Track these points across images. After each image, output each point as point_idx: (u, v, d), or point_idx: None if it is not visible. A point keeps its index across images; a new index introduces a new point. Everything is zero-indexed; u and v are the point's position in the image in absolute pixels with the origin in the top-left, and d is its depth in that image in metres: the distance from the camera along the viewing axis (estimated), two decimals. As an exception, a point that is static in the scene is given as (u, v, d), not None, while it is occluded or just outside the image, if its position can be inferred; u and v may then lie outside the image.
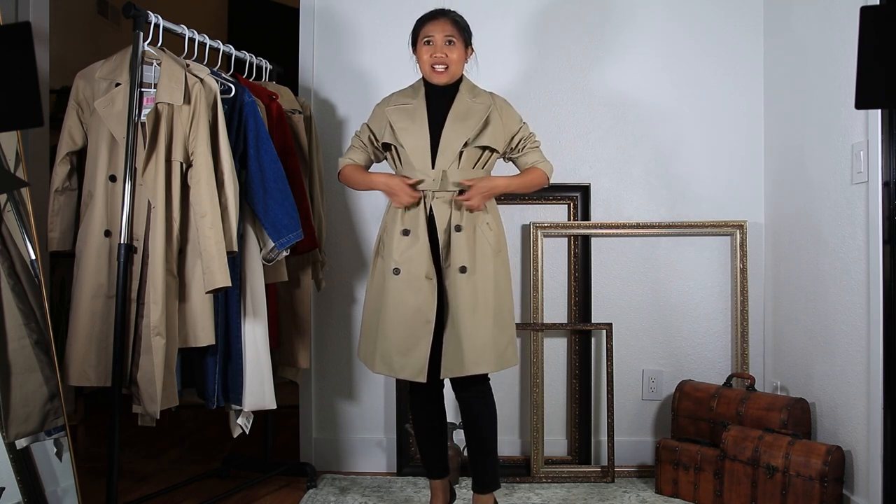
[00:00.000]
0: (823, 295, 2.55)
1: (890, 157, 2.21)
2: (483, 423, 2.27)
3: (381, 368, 2.21)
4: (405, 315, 2.16)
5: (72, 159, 2.36)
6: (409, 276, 2.17)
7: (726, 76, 3.03)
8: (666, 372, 3.02)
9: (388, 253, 2.23)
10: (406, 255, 2.19)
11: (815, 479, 2.28)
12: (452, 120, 2.24)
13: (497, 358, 2.20)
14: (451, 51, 2.24)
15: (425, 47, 2.25)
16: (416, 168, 2.24)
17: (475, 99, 2.29)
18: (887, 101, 1.33)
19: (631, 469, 2.95)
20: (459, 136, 2.22)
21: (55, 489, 2.14)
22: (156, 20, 2.26)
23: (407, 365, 2.16)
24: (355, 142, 2.40)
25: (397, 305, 2.17)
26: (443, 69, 2.24)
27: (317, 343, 3.00)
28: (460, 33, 2.26)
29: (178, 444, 3.41)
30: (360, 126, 2.42)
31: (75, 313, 2.23)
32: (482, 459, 2.29)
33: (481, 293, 2.18)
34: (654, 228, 2.99)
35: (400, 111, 2.29)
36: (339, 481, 2.87)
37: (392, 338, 2.17)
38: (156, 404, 2.15)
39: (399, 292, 2.18)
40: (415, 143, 2.24)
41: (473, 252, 2.20)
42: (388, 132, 2.29)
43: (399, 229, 2.21)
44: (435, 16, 2.27)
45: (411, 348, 2.16)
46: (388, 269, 2.21)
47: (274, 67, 2.89)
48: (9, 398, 2.06)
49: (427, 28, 2.26)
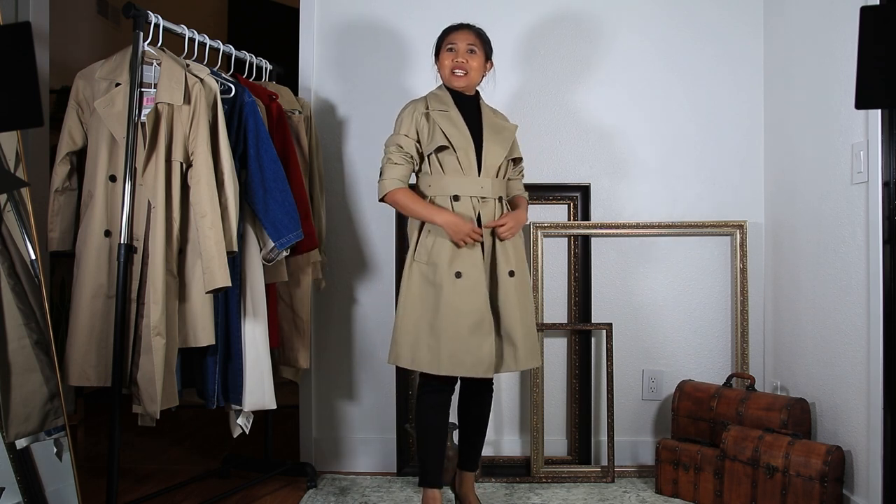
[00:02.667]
0: (823, 295, 2.55)
1: (890, 157, 2.21)
2: (487, 419, 2.50)
3: (450, 368, 2.25)
4: (471, 317, 2.24)
5: (72, 159, 2.36)
6: (471, 280, 2.26)
7: (726, 76, 3.03)
8: (666, 372, 3.02)
9: (438, 259, 2.26)
10: (466, 260, 2.26)
11: (815, 479, 2.28)
12: (491, 133, 2.37)
13: (539, 354, 2.44)
14: (472, 59, 2.35)
15: (447, 54, 2.36)
16: (464, 174, 2.30)
17: (495, 115, 2.45)
18: (887, 101, 1.33)
19: (631, 469, 2.95)
20: (501, 148, 2.37)
21: (55, 489, 2.14)
22: (156, 20, 2.26)
23: (479, 362, 2.24)
24: (397, 157, 2.30)
25: (462, 308, 2.24)
26: (462, 74, 2.34)
27: (317, 343, 3.00)
28: (482, 45, 2.38)
29: (178, 444, 3.41)
30: (394, 139, 2.32)
31: (75, 313, 2.23)
32: (478, 446, 2.51)
33: (525, 295, 2.35)
34: (654, 228, 2.99)
35: (443, 117, 2.32)
36: (339, 481, 2.87)
37: (461, 339, 2.24)
38: (156, 404, 2.15)
39: (461, 296, 2.25)
40: (465, 147, 2.31)
41: (518, 257, 2.36)
42: (440, 135, 2.29)
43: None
44: (460, 27, 2.39)
45: (479, 347, 2.24)
46: (445, 273, 2.25)
47: (274, 67, 2.89)
48: (9, 398, 2.06)
49: (451, 37, 2.37)
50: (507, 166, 2.43)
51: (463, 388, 2.46)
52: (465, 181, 2.30)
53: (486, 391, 2.46)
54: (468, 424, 2.48)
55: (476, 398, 2.45)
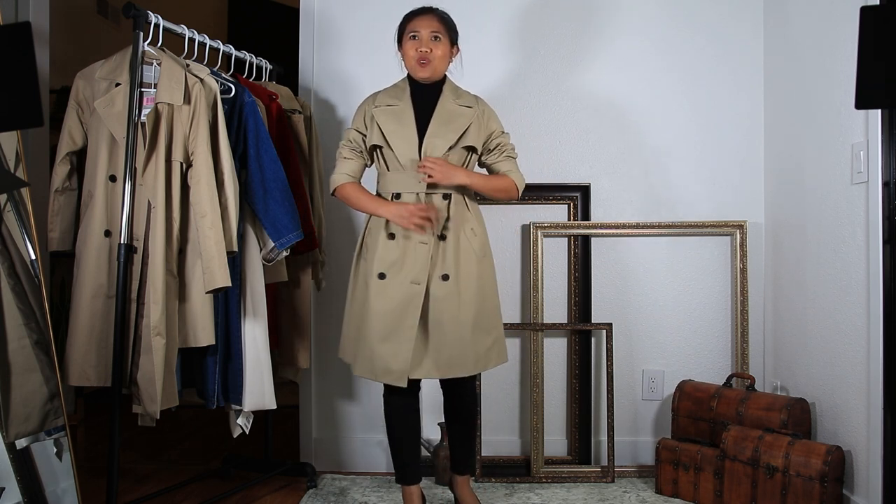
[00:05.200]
0: (823, 295, 2.55)
1: (890, 157, 2.21)
2: (469, 419, 2.43)
3: (362, 371, 2.24)
4: (385, 321, 2.18)
5: (72, 159, 2.36)
6: (393, 283, 2.19)
7: (726, 76, 3.03)
8: (666, 372, 3.02)
9: (371, 257, 2.24)
10: (393, 261, 2.20)
11: (815, 479, 2.28)
12: (436, 124, 2.25)
13: (475, 362, 2.24)
14: (437, 46, 2.25)
15: (410, 42, 2.26)
16: (404, 171, 2.24)
17: (458, 100, 2.31)
18: (887, 101, 1.33)
19: (631, 469, 2.95)
20: (443, 140, 2.24)
21: (55, 489, 2.14)
22: (156, 20, 2.26)
23: (388, 371, 2.18)
24: (346, 152, 2.32)
25: (378, 311, 2.19)
26: (426, 63, 2.24)
27: (317, 343, 3.00)
28: (447, 30, 2.27)
29: (178, 444, 3.41)
30: (347, 133, 2.36)
31: (75, 313, 2.23)
32: (464, 447, 2.43)
33: (463, 300, 2.21)
34: (654, 228, 2.99)
35: (387, 113, 2.27)
36: (339, 481, 2.87)
37: (373, 343, 2.19)
38: (156, 404, 2.15)
39: (379, 298, 2.19)
40: (404, 146, 2.24)
41: (458, 259, 2.23)
42: (377, 134, 2.27)
43: (385, 233, 2.23)
44: (422, 11, 2.28)
45: (393, 354, 2.17)
46: (371, 273, 2.22)
47: (274, 67, 2.89)
48: (9, 398, 2.06)
49: (413, 23, 2.27)
50: (467, 156, 2.30)
51: (441, 388, 2.41)
52: (404, 177, 2.24)
53: (461, 388, 2.37)
54: (452, 426, 2.44)
55: (451, 401, 2.40)
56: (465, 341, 2.21)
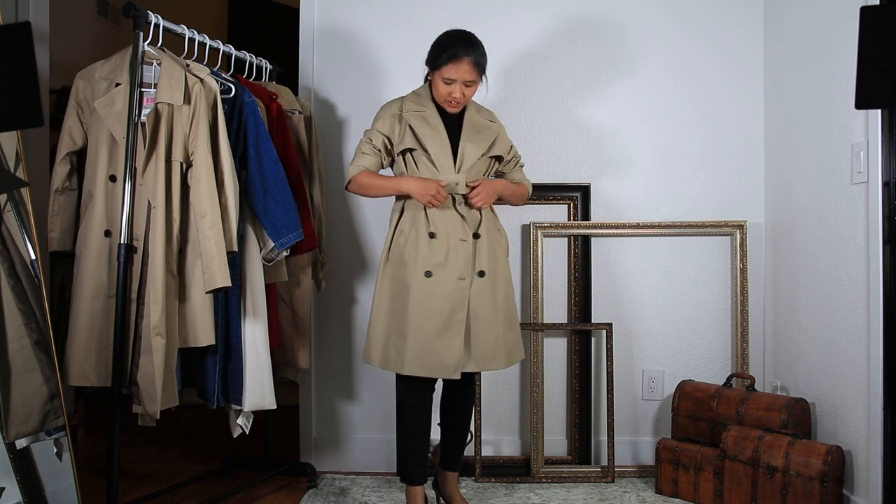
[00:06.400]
0: (823, 295, 2.55)
1: (890, 157, 2.21)
2: (469, 415, 2.51)
3: (413, 369, 2.25)
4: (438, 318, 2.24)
5: (72, 159, 2.36)
6: (441, 280, 2.25)
7: (726, 76, 3.03)
8: (666, 372, 3.02)
9: (411, 258, 2.27)
10: (438, 260, 2.26)
11: (815, 479, 2.28)
12: (469, 132, 2.36)
13: (507, 355, 2.35)
14: (469, 91, 2.33)
15: (443, 83, 2.29)
16: (440, 173, 2.30)
17: (480, 114, 2.43)
18: (887, 101, 1.33)
19: (631, 469, 2.95)
20: (478, 147, 2.35)
21: (55, 489, 2.14)
22: (156, 20, 2.26)
23: (442, 365, 2.23)
24: (366, 148, 2.35)
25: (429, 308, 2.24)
26: (457, 105, 2.34)
27: (317, 343, 3.00)
28: (480, 74, 2.31)
29: (178, 444, 3.41)
30: (367, 133, 2.38)
31: (75, 313, 2.23)
32: (460, 444, 2.49)
33: (499, 295, 2.33)
34: (654, 228, 2.99)
35: (418, 117, 2.33)
36: (339, 481, 2.87)
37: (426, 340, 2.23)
38: (156, 404, 2.15)
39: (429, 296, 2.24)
40: (439, 148, 2.30)
41: (494, 256, 2.34)
42: (410, 137, 2.31)
43: (425, 233, 2.28)
44: (458, 56, 2.25)
45: (446, 349, 2.24)
46: (415, 272, 2.25)
47: (274, 67, 2.89)
48: (9, 398, 2.06)
49: (449, 69, 2.26)
50: (491, 165, 2.43)
51: (444, 385, 2.45)
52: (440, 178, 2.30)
53: (466, 387, 2.44)
54: (449, 423, 2.47)
55: (457, 397, 2.44)
56: (498, 336, 2.31)
